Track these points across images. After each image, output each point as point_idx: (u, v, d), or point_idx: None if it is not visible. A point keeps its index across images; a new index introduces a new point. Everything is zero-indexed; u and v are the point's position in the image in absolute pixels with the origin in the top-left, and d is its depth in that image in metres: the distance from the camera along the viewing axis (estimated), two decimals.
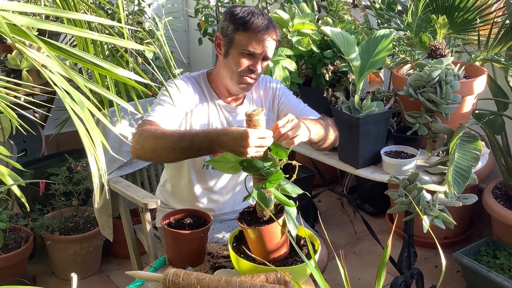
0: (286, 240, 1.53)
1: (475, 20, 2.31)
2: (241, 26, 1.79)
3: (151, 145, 1.65)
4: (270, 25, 1.81)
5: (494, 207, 2.57)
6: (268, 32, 1.79)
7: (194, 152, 1.62)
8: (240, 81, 1.83)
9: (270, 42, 1.81)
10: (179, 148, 1.61)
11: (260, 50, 1.80)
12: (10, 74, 2.85)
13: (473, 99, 2.10)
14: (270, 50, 1.83)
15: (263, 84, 2.01)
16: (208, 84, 1.93)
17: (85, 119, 0.67)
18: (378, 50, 2.03)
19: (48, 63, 0.64)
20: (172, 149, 1.62)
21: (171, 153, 1.63)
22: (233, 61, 1.82)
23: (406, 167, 1.95)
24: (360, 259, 2.94)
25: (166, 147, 1.62)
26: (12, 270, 2.55)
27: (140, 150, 1.68)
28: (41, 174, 2.97)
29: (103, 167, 0.71)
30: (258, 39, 1.78)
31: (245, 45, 1.79)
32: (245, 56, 1.80)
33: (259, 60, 1.82)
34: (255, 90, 1.99)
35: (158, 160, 1.81)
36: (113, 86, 1.29)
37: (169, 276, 1.44)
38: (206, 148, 1.59)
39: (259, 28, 1.77)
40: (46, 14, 0.65)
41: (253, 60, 1.81)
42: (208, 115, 1.90)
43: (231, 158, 1.50)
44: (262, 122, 1.47)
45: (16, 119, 1.19)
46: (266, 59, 1.84)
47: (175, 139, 1.62)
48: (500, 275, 2.36)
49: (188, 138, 1.61)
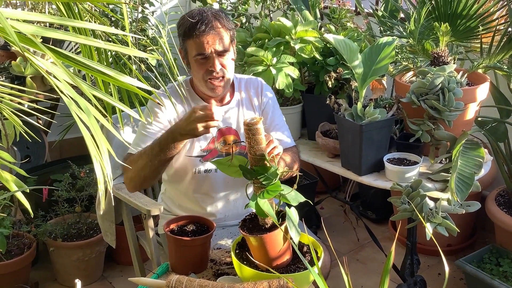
0: (288, 247, 1.53)
1: (478, 27, 2.32)
2: (184, 34, 1.81)
3: (134, 171, 1.79)
4: (210, 18, 1.78)
5: (497, 215, 2.56)
6: (208, 27, 1.77)
7: (165, 151, 1.72)
8: (208, 86, 1.86)
9: (216, 34, 1.78)
10: (154, 156, 1.73)
11: (208, 49, 1.79)
12: (14, 81, 2.87)
13: (475, 107, 2.10)
14: (220, 42, 1.80)
15: (255, 86, 2.01)
16: (192, 89, 1.95)
17: (91, 125, 0.67)
18: (380, 57, 2.03)
19: (54, 70, 0.64)
20: (150, 161, 1.74)
21: (151, 166, 1.74)
22: (194, 69, 1.86)
23: (409, 174, 1.95)
24: (363, 266, 2.94)
25: (145, 163, 1.75)
26: (15, 277, 2.55)
27: (131, 182, 1.84)
28: (44, 181, 2.98)
29: (108, 174, 0.71)
30: (202, 40, 1.78)
31: (194, 50, 1.80)
32: (199, 61, 1.82)
33: (214, 58, 1.80)
34: (244, 91, 2.00)
35: (148, 181, 1.83)
36: (115, 92, 1.29)
37: (172, 283, 1.44)
38: (171, 141, 1.70)
39: (198, 28, 1.76)
40: (52, 22, 0.66)
41: (208, 61, 1.81)
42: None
43: (234, 161, 1.50)
44: (261, 131, 1.47)
45: (20, 125, 1.19)
46: (223, 53, 1.82)
47: (148, 151, 1.75)
48: (503, 283, 2.35)
49: (157, 143, 1.74)
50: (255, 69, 2.25)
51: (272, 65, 2.28)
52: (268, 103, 2.01)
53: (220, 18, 1.81)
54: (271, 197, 1.44)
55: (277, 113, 2.02)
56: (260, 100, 2.00)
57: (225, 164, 1.52)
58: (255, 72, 2.24)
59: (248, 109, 1.99)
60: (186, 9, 4.19)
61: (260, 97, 2.00)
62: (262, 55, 2.27)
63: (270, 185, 1.43)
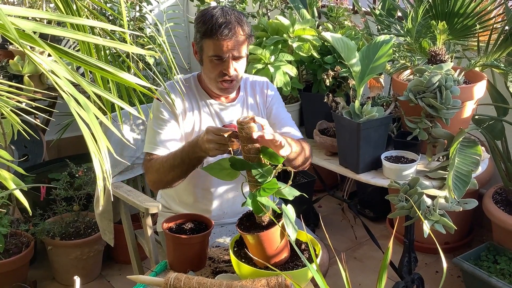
0: (286, 244, 1.53)
1: (475, 26, 2.33)
2: (204, 33, 1.79)
3: (157, 177, 1.82)
4: (234, 23, 1.77)
5: (495, 212, 2.57)
6: (231, 32, 1.76)
7: (187, 163, 1.75)
8: (217, 86, 1.86)
9: (237, 41, 1.78)
10: (176, 166, 1.76)
11: (226, 53, 1.79)
12: (12, 80, 2.86)
13: (473, 105, 2.11)
14: (239, 48, 1.80)
15: (260, 87, 2.02)
16: (199, 85, 1.95)
17: (91, 122, 0.67)
18: (378, 55, 2.04)
19: (54, 67, 0.65)
20: (172, 171, 1.77)
21: (173, 174, 1.78)
22: (207, 67, 1.85)
23: (406, 172, 1.96)
24: (361, 264, 2.94)
25: (168, 171, 1.78)
26: (13, 275, 2.55)
27: (154, 184, 1.88)
28: (42, 179, 2.98)
29: (108, 170, 0.72)
30: (222, 43, 1.77)
31: (211, 51, 1.79)
32: (215, 62, 1.81)
33: (230, 62, 1.81)
34: (250, 89, 2.00)
35: (172, 183, 1.85)
36: (115, 90, 1.29)
37: (170, 281, 1.44)
38: (192, 156, 1.72)
39: (221, 32, 1.75)
40: (50, 19, 0.66)
41: (224, 64, 1.81)
42: (200, 115, 1.93)
43: (225, 164, 1.50)
44: (255, 129, 1.47)
45: (18, 123, 1.19)
46: (238, 58, 1.82)
47: (170, 161, 1.77)
48: (500, 281, 2.36)
49: (179, 155, 1.76)
50: (253, 67, 2.26)
51: (270, 63, 2.28)
52: (272, 100, 2.02)
53: (242, 25, 1.80)
54: (268, 195, 1.44)
55: (282, 109, 2.03)
56: (264, 99, 2.02)
57: (216, 169, 1.52)
58: (254, 70, 2.24)
59: (253, 109, 2.00)
60: (185, 8, 4.18)
61: (265, 97, 2.02)
62: (260, 53, 2.27)
63: (265, 182, 1.44)
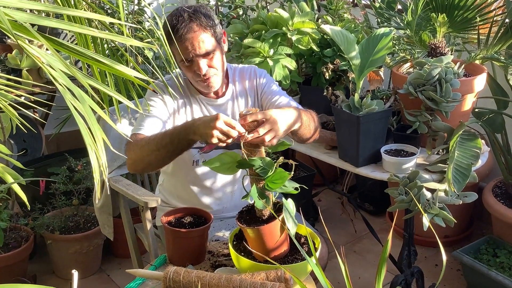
0: (286, 238, 1.53)
1: (475, 18, 2.31)
2: (168, 40, 1.71)
3: (139, 155, 1.70)
4: (186, 22, 1.72)
5: (494, 206, 2.57)
6: (184, 30, 1.71)
7: (175, 145, 1.64)
8: (200, 85, 1.85)
9: (194, 38, 1.72)
10: (163, 146, 1.65)
11: (190, 55, 1.74)
12: (10, 74, 2.85)
13: (473, 98, 2.10)
14: (200, 45, 1.74)
15: (248, 74, 1.98)
16: (190, 83, 1.93)
17: (86, 114, 0.67)
18: (378, 48, 2.03)
19: (50, 60, 0.64)
20: (157, 150, 1.66)
21: (157, 154, 1.67)
22: (183, 71, 1.85)
23: (406, 166, 1.95)
24: (360, 258, 2.95)
25: (152, 150, 1.67)
26: (13, 269, 2.55)
27: (132, 164, 1.75)
28: (41, 174, 2.97)
29: (104, 163, 0.71)
30: (182, 46, 1.72)
31: (177, 56, 1.75)
32: (185, 65, 1.78)
33: (198, 62, 1.76)
34: (238, 81, 1.97)
35: (151, 167, 1.79)
36: (113, 84, 1.29)
37: (170, 274, 1.44)
38: (183, 138, 1.61)
39: (175, 34, 1.70)
40: (47, 11, 0.66)
41: (193, 65, 1.78)
42: (192, 111, 1.92)
43: (227, 158, 1.49)
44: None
45: (17, 117, 1.19)
46: (206, 55, 1.76)
47: (158, 140, 1.67)
48: (500, 274, 2.36)
49: (168, 134, 1.66)
50: (252, 61, 2.25)
51: (269, 56, 2.27)
52: (264, 84, 1.97)
53: (196, 19, 1.73)
54: (279, 186, 1.43)
55: (277, 90, 1.96)
56: (254, 84, 1.97)
57: (216, 163, 1.51)
58: (252, 63, 2.23)
59: (242, 97, 1.97)
60: (183, 1, 4.17)
61: (253, 83, 1.97)
62: (259, 46, 2.26)
63: (268, 175, 1.43)
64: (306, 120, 1.74)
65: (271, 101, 1.91)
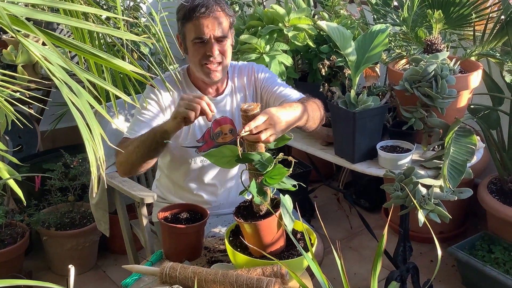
0: (282, 234, 1.54)
1: (471, 15, 2.32)
2: (184, 17, 1.79)
3: (125, 157, 1.75)
4: (211, 2, 1.78)
5: (489, 202, 2.58)
6: (208, 9, 1.76)
7: (151, 138, 1.69)
8: (204, 71, 1.84)
9: (216, 19, 1.78)
10: (142, 142, 1.70)
11: (208, 34, 1.78)
12: (6, 70, 2.84)
13: (468, 94, 2.11)
14: (220, 28, 1.79)
15: (246, 71, 1.99)
16: (188, 79, 1.94)
17: (83, 108, 0.67)
18: (374, 45, 2.03)
19: (47, 54, 0.64)
20: (138, 148, 1.70)
21: (138, 152, 1.70)
22: (191, 53, 1.84)
23: (401, 162, 1.96)
24: (356, 254, 2.96)
25: (133, 150, 1.71)
26: (8, 266, 2.55)
27: (120, 166, 1.79)
28: (36, 170, 2.96)
29: (101, 157, 0.71)
30: (202, 23, 1.77)
31: (192, 34, 1.79)
32: (197, 45, 1.80)
33: (213, 44, 1.79)
34: (237, 78, 1.97)
35: (135, 168, 1.77)
36: (110, 79, 1.28)
37: (166, 270, 1.44)
38: (158, 131, 1.67)
39: (198, 10, 1.75)
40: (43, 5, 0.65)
41: (206, 46, 1.80)
42: None
43: (226, 152, 1.49)
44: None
45: (12, 112, 1.18)
46: (221, 40, 1.81)
47: (139, 138, 1.72)
48: (495, 269, 2.37)
49: (149, 132, 1.72)
50: (248, 57, 2.24)
51: (265, 52, 2.27)
52: (263, 78, 1.97)
53: (220, 3, 1.81)
54: (277, 182, 1.43)
55: (277, 81, 1.97)
56: (253, 80, 1.97)
57: (216, 156, 1.51)
58: (248, 60, 2.23)
59: (240, 95, 1.97)
60: None
61: (252, 79, 1.97)
62: (255, 42, 2.26)
63: (267, 170, 1.43)
64: (311, 112, 1.75)
65: (272, 91, 1.92)
